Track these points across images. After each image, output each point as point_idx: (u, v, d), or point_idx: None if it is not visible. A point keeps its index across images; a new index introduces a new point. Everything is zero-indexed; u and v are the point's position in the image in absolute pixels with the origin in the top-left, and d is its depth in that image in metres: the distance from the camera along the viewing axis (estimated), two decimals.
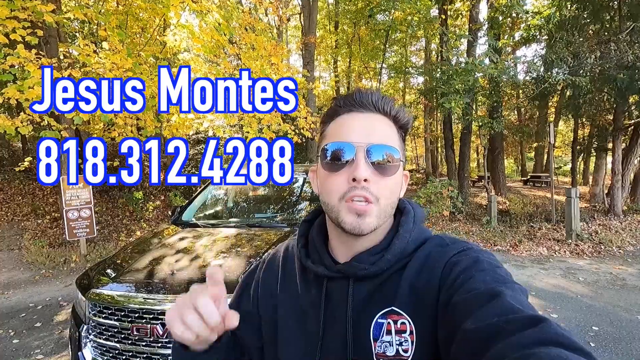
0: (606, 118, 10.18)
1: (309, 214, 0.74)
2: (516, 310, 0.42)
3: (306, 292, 0.65)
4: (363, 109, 0.59)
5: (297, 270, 0.69)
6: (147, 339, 1.77)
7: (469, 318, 0.43)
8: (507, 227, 8.21)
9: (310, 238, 0.69)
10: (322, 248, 0.65)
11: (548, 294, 4.36)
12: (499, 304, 0.43)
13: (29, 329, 3.62)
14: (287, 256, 0.74)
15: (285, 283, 0.70)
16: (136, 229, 8.17)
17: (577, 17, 9.13)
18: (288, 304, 0.68)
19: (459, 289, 0.49)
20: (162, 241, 2.60)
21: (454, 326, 0.46)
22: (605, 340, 3.21)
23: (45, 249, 6.44)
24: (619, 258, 5.91)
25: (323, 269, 0.62)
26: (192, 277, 1.99)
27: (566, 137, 21.75)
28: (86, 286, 2.05)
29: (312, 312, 0.63)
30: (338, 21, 18.76)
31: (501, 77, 8.62)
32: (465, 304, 0.47)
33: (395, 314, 0.55)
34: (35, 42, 3.99)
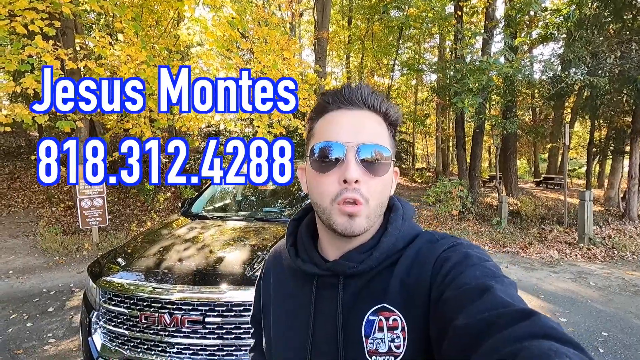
0: (624, 120, 9.91)
1: (297, 212, 0.73)
2: (507, 304, 0.42)
3: (296, 291, 0.66)
4: (352, 105, 0.58)
5: (287, 269, 0.69)
6: (154, 327, 1.81)
7: (460, 314, 0.44)
8: (518, 229, 8.09)
9: (299, 236, 0.68)
10: (310, 246, 0.65)
11: (557, 298, 4.30)
12: (489, 298, 0.43)
13: (42, 314, 3.72)
14: (278, 256, 0.74)
15: (277, 283, 0.71)
16: (147, 220, 8.30)
17: (598, 15, 8.87)
18: (279, 303, 0.68)
19: (450, 285, 0.49)
20: (171, 232, 2.64)
21: (445, 322, 0.46)
22: (614, 346, 3.16)
23: (59, 237, 6.60)
24: (632, 264, 5.78)
25: (313, 267, 0.62)
26: (200, 268, 2.03)
27: (582, 139, 21.26)
28: (97, 274, 2.10)
29: (303, 310, 0.63)
30: (352, 16, 18.62)
31: (516, 76, 8.44)
32: (456, 300, 0.47)
33: (386, 311, 0.55)
34: (53, 33, 4.06)
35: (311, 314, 0.61)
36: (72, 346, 3.07)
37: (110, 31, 9.14)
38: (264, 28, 6.17)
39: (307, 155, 0.61)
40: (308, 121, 0.64)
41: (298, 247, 0.67)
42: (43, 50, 3.76)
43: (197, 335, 1.78)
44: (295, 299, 0.65)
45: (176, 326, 1.77)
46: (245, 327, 1.78)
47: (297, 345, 0.62)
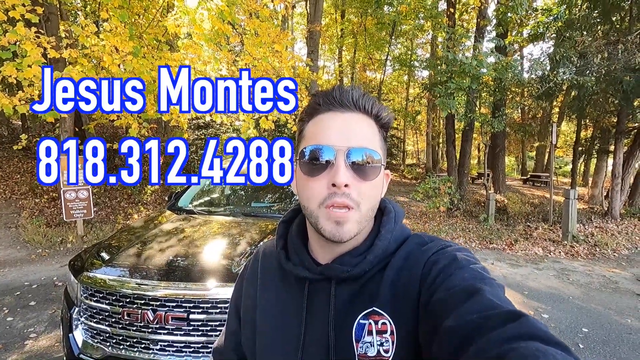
0: (610, 120, 10.11)
1: (286, 214, 0.72)
2: (495, 306, 0.42)
3: (286, 295, 0.64)
4: (343, 108, 0.57)
5: (277, 273, 0.68)
6: (137, 324, 1.78)
7: (449, 316, 0.44)
8: (504, 226, 8.23)
9: (290, 239, 0.67)
10: (301, 249, 0.64)
11: (541, 294, 4.39)
12: (478, 300, 0.44)
13: (23, 307, 3.64)
14: (265, 257, 0.73)
15: (264, 285, 0.69)
16: (133, 212, 8.18)
17: (587, 16, 8.99)
18: (267, 307, 0.67)
19: (439, 288, 0.50)
20: (157, 227, 2.60)
21: (435, 325, 0.46)
22: (594, 342, 3.24)
23: (42, 229, 6.45)
24: (613, 261, 5.93)
25: (304, 270, 0.61)
26: (185, 264, 2.00)
27: (568, 138, 21.66)
28: (79, 269, 2.05)
29: (293, 314, 0.62)
30: (345, 10, 18.49)
31: (505, 75, 8.51)
32: (445, 302, 0.47)
33: (376, 315, 0.55)
34: (36, 20, 3.92)
35: (303, 318, 0.60)
36: (54, 341, 3.01)
37: (97, 18, 8.90)
38: (255, 20, 6.07)
39: (297, 158, 0.60)
40: (298, 122, 0.63)
41: (289, 249, 0.66)
42: (23, 37, 3.64)
43: (181, 332, 1.76)
44: (285, 302, 0.64)
45: (160, 323, 1.75)
46: None
47: (287, 349, 0.61)
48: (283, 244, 0.68)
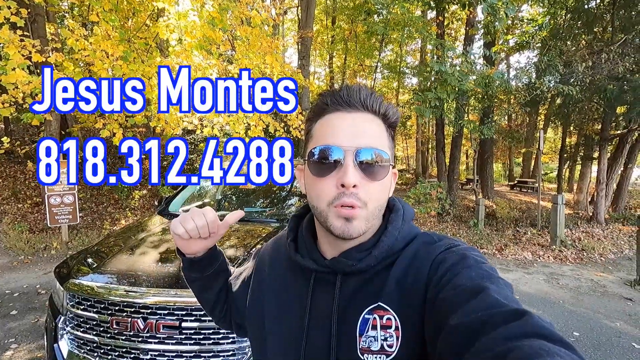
0: (594, 127, 10.37)
1: (299, 209, 0.74)
2: (501, 305, 0.42)
3: (293, 286, 0.66)
4: (351, 107, 0.57)
5: (286, 264, 0.70)
6: (126, 333, 1.71)
7: (454, 314, 0.44)
8: (494, 231, 8.31)
9: (300, 233, 0.69)
10: (310, 243, 0.66)
11: (531, 298, 4.42)
12: (484, 298, 0.44)
13: (4, 317, 3.50)
14: (275, 249, 0.75)
15: (273, 277, 0.71)
16: (121, 218, 8.00)
17: (571, 26, 9.25)
18: (274, 297, 0.69)
19: (446, 286, 0.50)
20: (147, 232, 2.53)
21: (440, 322, 0.46)
22: (585, 346, 3.27)
23: (25, 235, 6.26)
24: (600, 265, 6.04)
25: (311, 262, 0.62)
26: (176, 270, 1.94)
27: (554, 145, 22.14)
28: (65, 276, 1.98)
29: (298, 305, 0.63)
30: (335, 17, 18.66)
31: (492, 83, 8.65)
32: (451, 300, 0.47)
33: (381, 310, 0.55)
34: (22, 24, 3.83)
35: (307, 309, 0.61)
36: (36, 352, 2.89)
37: (85, 21, 8.76)
38: (246, 27, 6.06)
39: (306, 158, 0.61)
40: (306, 122, 0.64)
41: (298, 243, 0.68)
42: (6, 41, 3.55)
43: (173, 341, 1.70)
44: (291, 293, 0.66)
45: (150, 332, 1.69)
46: (223, 332, 1.71)
47: (290, 339, 0.62)
48: (293, 236, 0.69)
